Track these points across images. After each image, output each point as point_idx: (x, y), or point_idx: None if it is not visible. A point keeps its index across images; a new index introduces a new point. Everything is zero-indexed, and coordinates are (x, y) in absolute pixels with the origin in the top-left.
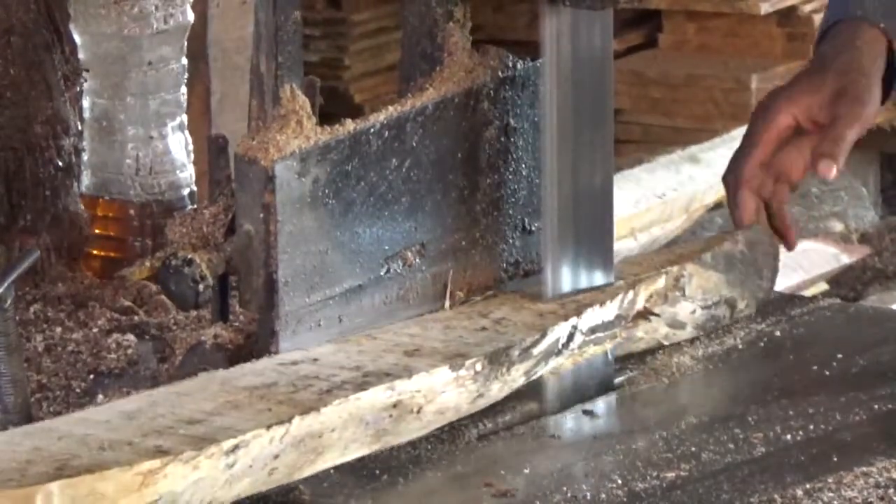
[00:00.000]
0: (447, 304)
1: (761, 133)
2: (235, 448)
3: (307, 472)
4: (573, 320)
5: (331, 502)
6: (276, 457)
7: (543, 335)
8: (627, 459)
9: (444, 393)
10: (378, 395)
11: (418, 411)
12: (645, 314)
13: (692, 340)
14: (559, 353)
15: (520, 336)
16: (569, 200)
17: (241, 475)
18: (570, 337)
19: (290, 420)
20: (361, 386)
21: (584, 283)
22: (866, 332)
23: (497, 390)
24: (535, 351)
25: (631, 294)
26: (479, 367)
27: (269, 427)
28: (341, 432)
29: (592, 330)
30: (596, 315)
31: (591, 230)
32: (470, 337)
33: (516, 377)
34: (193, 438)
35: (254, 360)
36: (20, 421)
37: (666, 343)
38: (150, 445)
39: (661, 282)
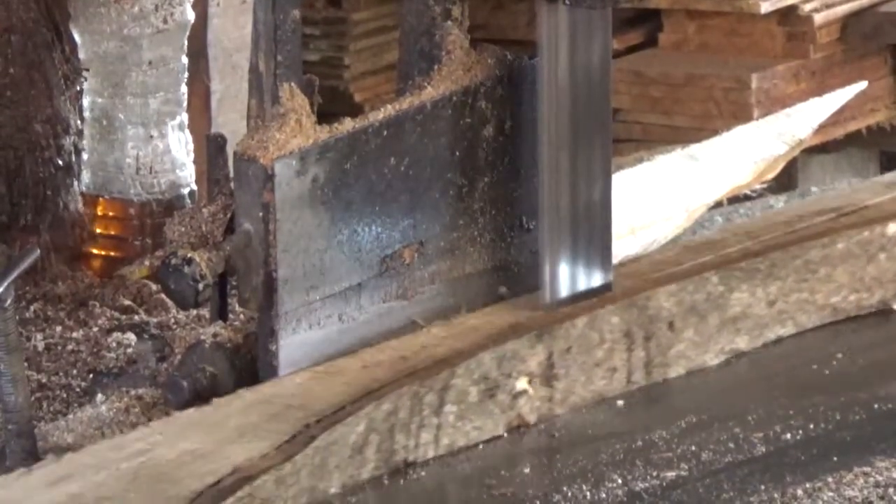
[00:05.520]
0: None
1: None
2: None
3: None
4: None
5: (333, 501)
6: None
7: None
8: (627, 459)
9: None
10: None
11: None
12: None
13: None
14: None
15: None
16: (567, 199)
17: None
18: None
19: None
20: None
21: (582, 281)
22: (866, 333)
23: None
24: None
25: None
26: None
27: None
28: None
29: None
30: None
31: (590, 228)
32: None
33: None
34: None
35: None
36: (20, 420)
37: None
38: None
39: None
